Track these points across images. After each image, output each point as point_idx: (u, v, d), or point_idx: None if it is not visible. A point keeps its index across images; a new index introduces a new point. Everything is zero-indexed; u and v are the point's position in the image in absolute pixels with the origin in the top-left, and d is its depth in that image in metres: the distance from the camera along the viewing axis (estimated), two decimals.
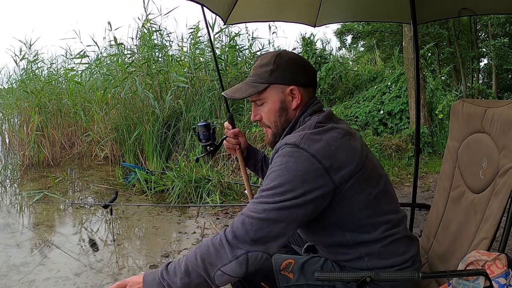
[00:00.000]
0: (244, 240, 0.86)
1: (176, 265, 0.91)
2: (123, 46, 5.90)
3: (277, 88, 1.04)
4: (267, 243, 0.87)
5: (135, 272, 2.33)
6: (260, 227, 0.86)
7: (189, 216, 3.37)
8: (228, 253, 0.86)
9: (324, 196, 0.91)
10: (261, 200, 0.89)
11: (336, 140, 0.95)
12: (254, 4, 1.97)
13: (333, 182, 0.91)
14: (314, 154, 0.90)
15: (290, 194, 0.87)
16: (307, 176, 0.89)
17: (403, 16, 2.06)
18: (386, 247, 1.00)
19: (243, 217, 0.88)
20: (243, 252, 0.86)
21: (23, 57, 6.50)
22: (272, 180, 0.90)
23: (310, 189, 0.89)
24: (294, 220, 0.89)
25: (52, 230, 3.07)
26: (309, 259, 1.12)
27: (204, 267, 0.87)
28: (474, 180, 1.21)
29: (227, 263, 0.86)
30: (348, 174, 0.93)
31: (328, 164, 0.90)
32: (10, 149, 6.53)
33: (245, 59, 6.54)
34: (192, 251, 0.91)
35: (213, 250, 0.87)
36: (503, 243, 1.00)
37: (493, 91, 13.77)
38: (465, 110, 1.32)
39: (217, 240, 0.88)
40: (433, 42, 8.67)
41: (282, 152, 0.93)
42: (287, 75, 1.03)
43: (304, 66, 1.06)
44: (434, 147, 5.48)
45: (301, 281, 1.06)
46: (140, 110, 5.19)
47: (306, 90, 1.06)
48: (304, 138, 0.93)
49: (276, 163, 0.92)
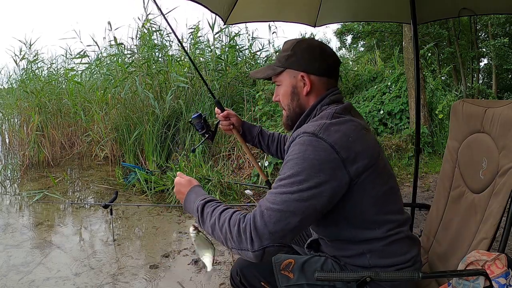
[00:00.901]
0: (263, 233, 0.87)
1: (209, 214, 0.96)
2: (123, 46, 5.90)
3: (291, 73, 1.07)
4: (284, 236, 0.88)
5: (135, 272, 2.33)
6: (278, 220, 0.87)
7: (189, 216, 3.37)
8: (248, 244, 0.87)
9: (339, 188, 0.92)
10: (280, 190, 0.90)
11: (354, 132, 0.96)
12: (254, 4, 1.97)
13: (349, 174, 0.92)
14: (332, 145, 0.91)
15: (307, 183, 0.88)
16: (325, 166, 0.90)
17: (403, 16, 2.06)
18: (389, 245, 1.01)
19: (262, 208, 0.89)
20: (261, 248, 0.87)
21: (23, 57, 6.50)
22: (290, 168, 0.91)
23: (327, 179, 0.89)
24: (311, 213, 0.90)
25: (52, 230, 3.07)
26: (309, 258, 1.12)
27: (225, 237, 0.91)
28: (474, 180, 1.21)
29: (245, 250, 0.88)
30: (362, 167, 0.94)
31: (345, 155, 0.91)
32: (10, 149, 6.52)
33: (245, 59, 6.53)
34: (224, 216, 0.93)
35: (237, 231, 0.89)
36: (503, 243, 1.00)
37: (493, 91, 13.78)
38: (465, 110, 1.32)
39: (243, 225, 0.89)
40: (433, 42, 8.67)
41: (300, 141, 0.94)
42: (300, 61, 1.05)
43: (320, 55, 1.06)
44: (434, 147, 5.47)
45: (301, 280, 1.06)
46: (140, 110, 5.19)
47: (319, 78, 1.06)
48: (323, 128, 0.94)
49: (294, 152, 0.93)
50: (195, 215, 1.00)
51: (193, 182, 1.07)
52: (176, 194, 1.09)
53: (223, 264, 2.41)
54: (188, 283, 2.19)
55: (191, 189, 1.05)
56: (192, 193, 1.04)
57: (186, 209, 1.04)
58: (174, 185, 1.11)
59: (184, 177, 1.09)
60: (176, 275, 2.29)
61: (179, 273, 2.32)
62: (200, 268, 2.37)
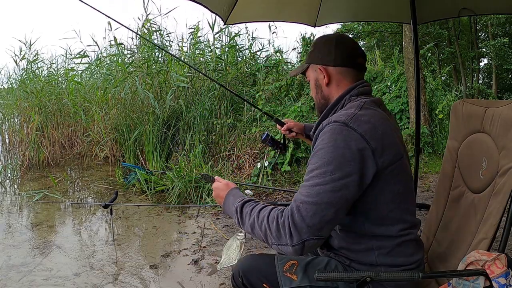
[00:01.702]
0: (301, 227, 0.88)
1: (248, 213, 0.99)
2: (123, 46, 5.90)
3: (313, 67, 1.13)
4: (322, 229, 0.89)
5: (135, 272, 2.33)
6: (315, 212, 0.88)
7: (189, 216, 3.37)
8: (287, 239, 0.89)
9: (367, 178, 0.93)
10: (312, 183, 0.91)
11: (382, 125, 0.97)
12: (254, 4, 1.97)
13: (377, 165, 0.93)
14: (363, 134, 0.92)
15: (339, 173, 0.89)
16: (355, 155, 0.91)
17: (403, 16, 2.06)
18: (399, 246, 1.02)
19: (297, 203, 0.90)
20: (300, 241, 0.88)
21: (23, 57, 6.50)
22: (320, 158, 0.92)
23: (357, 168, 0.91)
24: (343, 204, 0.91)
25: (52, 230, 3.07)
26: (312, 259, 1.11)
27: (265, 234, 0.94)
28: (474, 180, 1.21)
29: (285, 245, 0.90)
30: (388, 161, 0.95)
31: (374, 145, 0.93)
32: (10, 149, 6.52)
33: (245, 59, 6.53)
34: (263, 213, 0.96)
35: (275, 227, 0.91)
36: (503, 243, 1.00)
37: (493, 91, 13.78)
38: (465, 110, 1.32)
39: (281, 221, 0.91)
40: (433, 42, 8.66)
41: (329, 129, 0.95)
42: (318, 55, 1.11)
43: (336, 46, 1.08)
44: (434, 147, 5.47)
45: (305, 282, 1.05)
46: (140, 110, 5.19)
47: (337, 69, 1.08)
48: (354, 118, 0.95)
49: (324, 141, 0.93)
50: (235, 217, 1.02)
51: (230, 185, 1.11)
52: (215, 199, 1.13)
53: None
54: (188, 283, 2.19)
55: (229, 192, 1.08)
56: (230, 195, 1.07)
57: (226, 211, 1.08)
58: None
59: (221, 181, 1.13)
60: (176, 275, 2.29)
61: (179, 273, 2.32)
62: (200, 268, 2.37)
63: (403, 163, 1.01)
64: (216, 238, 2.85)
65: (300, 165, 4.45)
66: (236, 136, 4.86)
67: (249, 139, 4.74)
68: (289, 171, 4.24)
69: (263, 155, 4.45)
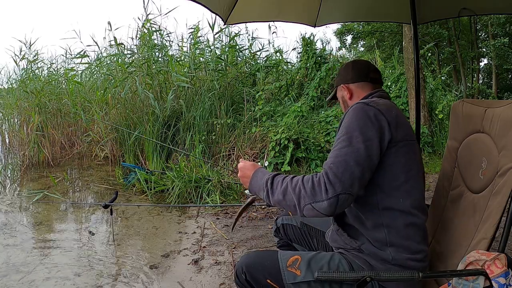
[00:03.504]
0: (335, 181, 0.97)
1: (280, 182, 1.06)
2: (123, 46, 5.91)
3: (339, 88, 1.38)
4: (353, 185, 0.98)
5: (135, 272, 2.33)
6: (345, 169, 0.99)
7: (189, 216, 3.38)
8: (323, 193, 0.97)
9: (383, 143, 1.05)
10: (340, 146, 1.03)
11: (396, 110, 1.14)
12: (254, 4, 1.98)
13: (391, 134, 1.06)
14: (380, 110, 1.08)
15: (362, 136, 1.03)
16: (375, 123, 1.05)
17: (403, 16, 2.07)
18: (408, 227, 1.07)
19: (328, 164, 1.01)
20: (335, 195, 0.96)
21: (23, 57, 6.50)
22: (345, 128, 1.07)
23: (377, 134, 1.04)
24: (369, 164, 1.02)
25: (52, 230, 3.08)
26: (315, 255, 1.13)
27: (298, 196, 1.00)
28: (473, 180, 1.21)
29: (320, 201, 0.97)
30: (401, 137, 1.08)
31: (389, 119, 1.07)
32: (10, 149, 6.53)
33: (245, 59, 6.53)
34: (296, 178, 1.05)
35: (311, 185, 0.99)
36: (503, 243, 1.00)
37: (493, 91, 13.79)
38: (465, 110, 1.32)
39: (316, 179, 1.00)
40: (433, 42, 8.66)
41: (352, 109, 1.10)
42: (340, 77, 1.37)
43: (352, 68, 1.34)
44: (434, 147, 5.48)
45: (308, 277, 1.06)
46: (140, 110, 5.19)
47: (355, 84, 1.32)
48: (372, 102, 1.12)
49: (347, 117, 1.09)
50: (263, 190, 1.08)
51: (256, 166, 1.17)
52: (240, 178, 1.18)
53: (223, 264, 2.41)
54: (188, 283, 2.19)
55: (258, 170, 1.15)
56: (258, 172, 1.14)
57: (253, 187, 1.13)
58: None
59: (247, 162, 1.19)
60: (176, 275, 2.29)
61: (179, 273, 2.32)
62: (200, 268, 2.37)
63: (415, 146, 1.13)
64: (216, 238, 2.85)
65: (300, 165, 4.45)
66: (236, 136, 4.87)
67: (249, 139, 4.74)
68: (289, 171, 4.24)
69: (263, 155, 4.46)
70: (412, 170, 1.10)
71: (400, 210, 1.07)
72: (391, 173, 1.07)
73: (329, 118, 5.03)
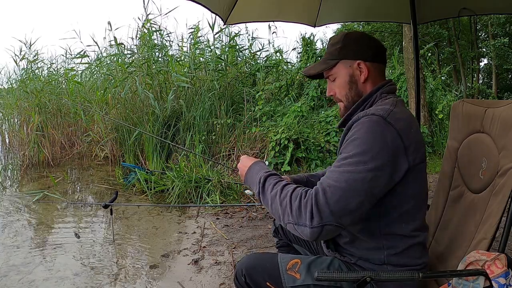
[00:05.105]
0: (324, 210, 0.87)
1: (271, 186, 0.99)
2: (123, 46, 5.90)
3: (346, 63, 1.10)
4: (343, 217, 0.89)
5: (135, 272, 2.33)
6: (340, 198, 0.88)
7: (189, 216, 3.37)
8: (307, 219, 0.88)
9: (397, 174, 0.94)
10: (344, 169, 0.91)
11: (414, 125, 1.00)
12: (254, 4, 1.98)
13: (408, 162, 0.94)
14: (399, 132, 0.94)
15: (372, 163, 0.89)
16: (390, 150, 0.92)
17: (403, 16, 2.07)
18: (409, 247, 1.02)
19: (323, 186, 0.90)
20: (320, 224, 0.87)
21: (23, 57, 6.50)
22: (356, 147, 0.92)
23: (390, 163, 0.91)
24: (368, 197, 0.91)
25: (52, 230, 3.07)
26: (315, 258, 1.12)
27: (284, 211, 0.93)
28: (473, 180, 1.21)
29: (302, 226, 0.89)
30: (418, 159, 0.97)
31: (407, 143, 0.94)
32: (10, 149, 6.52)
33: (245, 59, 6.53)
34: (287, 189, 0.95)
35: (297, 206, 0.90)
36: (503, 243, 1.00)
37: (493, 91, 13.80)
38: (465, 110, 1.32)
39: (304, 201, 0.90)
40: (433, 42, 8.66)
41: (367, 120, 0.95)
42: (354, 51, 1.09)
43: (369, 42, 1.11)
44: (434, 147, 5.47)
45: (308, 281, 1.05)
46: (140, 110, 5.19)
47: (374, 65, 1.09)
48: (391, 114, 0.96)
49: (361, 131, 0.94)
50: (256, 187, 1.02)
51: (257, 159, 1.13)
52: (239, 169, 1.13)
53: (223, 264, 2.41)
54: (188, 283, 2.19)
55: (256, 162, 1.09)
56: (256, 165, 1.08)
57: (247, 180, 1.08)
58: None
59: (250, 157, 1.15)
60: (176, 275, 2.29)
61: (179, 273, 2.32)
62: (200, 268, 2.37)
63: (425, 163, 1.04)
64: (216, 238, 2.85)
65: (300, 165, 4.45)
66: (236, 136, 4.87)
67: (249, 139, 4.74)
68: (289, 171, 4.24)
69: (263, 155, 4.46)
70: (421, 193, 1.02)
71: (403, 234, 1.02)
72: (400, 199, 0.99)
73: (329, 118, 5.03)
